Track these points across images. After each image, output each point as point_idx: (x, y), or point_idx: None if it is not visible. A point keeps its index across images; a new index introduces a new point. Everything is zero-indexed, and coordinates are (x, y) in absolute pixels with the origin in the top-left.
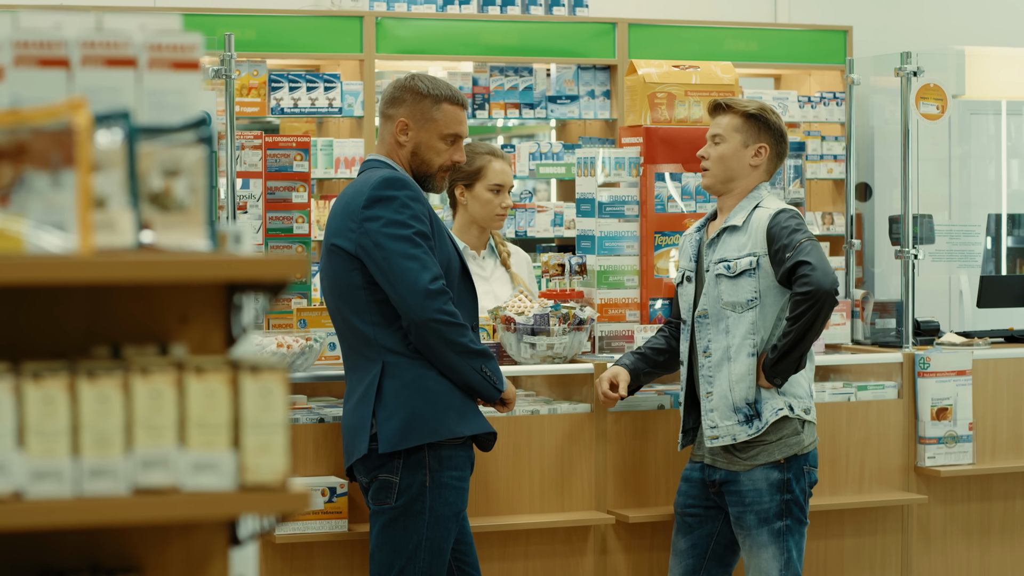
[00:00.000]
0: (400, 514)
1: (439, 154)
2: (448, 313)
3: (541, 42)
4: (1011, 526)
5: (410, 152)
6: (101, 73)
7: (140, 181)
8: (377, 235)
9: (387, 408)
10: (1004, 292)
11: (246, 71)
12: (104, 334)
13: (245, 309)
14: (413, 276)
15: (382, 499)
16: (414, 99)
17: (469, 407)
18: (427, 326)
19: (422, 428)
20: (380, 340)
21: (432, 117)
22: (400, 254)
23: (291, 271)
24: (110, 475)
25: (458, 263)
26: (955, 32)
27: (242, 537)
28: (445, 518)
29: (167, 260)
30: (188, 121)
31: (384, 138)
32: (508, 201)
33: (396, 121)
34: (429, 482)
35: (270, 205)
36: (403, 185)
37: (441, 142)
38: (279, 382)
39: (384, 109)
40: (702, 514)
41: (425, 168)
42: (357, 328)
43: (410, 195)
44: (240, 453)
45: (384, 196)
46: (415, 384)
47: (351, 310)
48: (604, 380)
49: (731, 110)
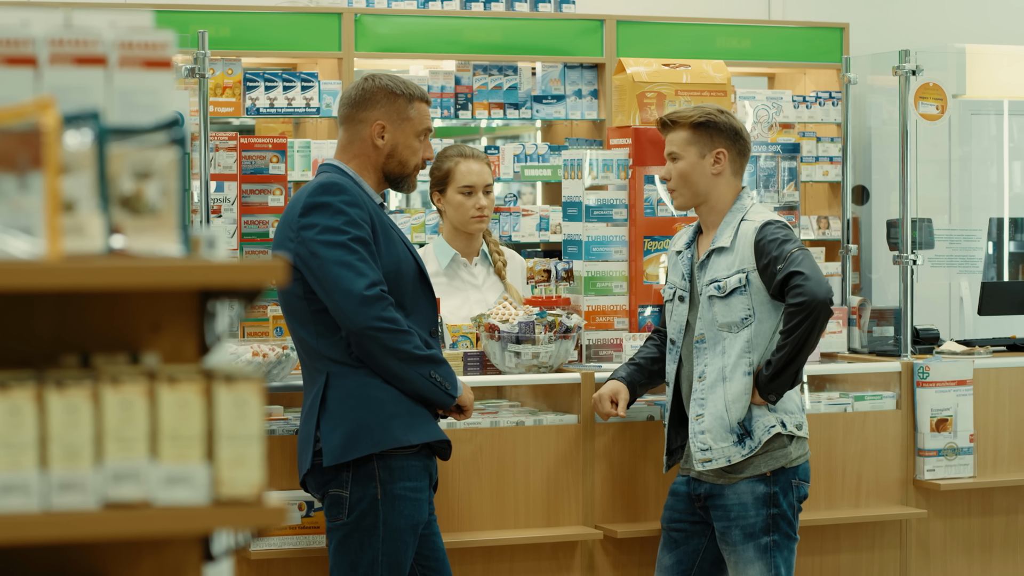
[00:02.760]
0: (353, 529)
1: (415, 153)
2: (387, 320)
3: (526, 40)
4: (1013, 542)
5: (386, 155)
6: (70, 72)
7: (110, 184)
8: (312, 243)
9: (331, 420)
10: (1006, 299)
11: (220, 70)
12: (73, 342)
13: (219, 317)
14: (348, 284)
15: (335, 515)
16: (388, 99)
17: (419, 415)
18: (364, 334)
19: (366, 439)
20: (323, 351)
21: (408, 116)
22: (334, 261)
23: (266, 277)
24: (79, 489)
25: (412, 267)
26: (954, 30)
27: (216, 553)
28: (401, 531)
29: (138, 266)
30: (160, 122)
31: (351, 142)
32: (482, 202)
33: (371, 124)
34: (381, 495)
35: (245, 209)
36: (339, 190)
37: (416, 140)
38: (254, 392)
39: (352, 113)
40: (688, 529)
41: (401, 169)
42: (303, 339)
43: (346, 200)
44: (214, 466)
45: (319, 203)
46: (358, 393)
47: (296, 321)
48: (604, 399)
49: (677, 124)
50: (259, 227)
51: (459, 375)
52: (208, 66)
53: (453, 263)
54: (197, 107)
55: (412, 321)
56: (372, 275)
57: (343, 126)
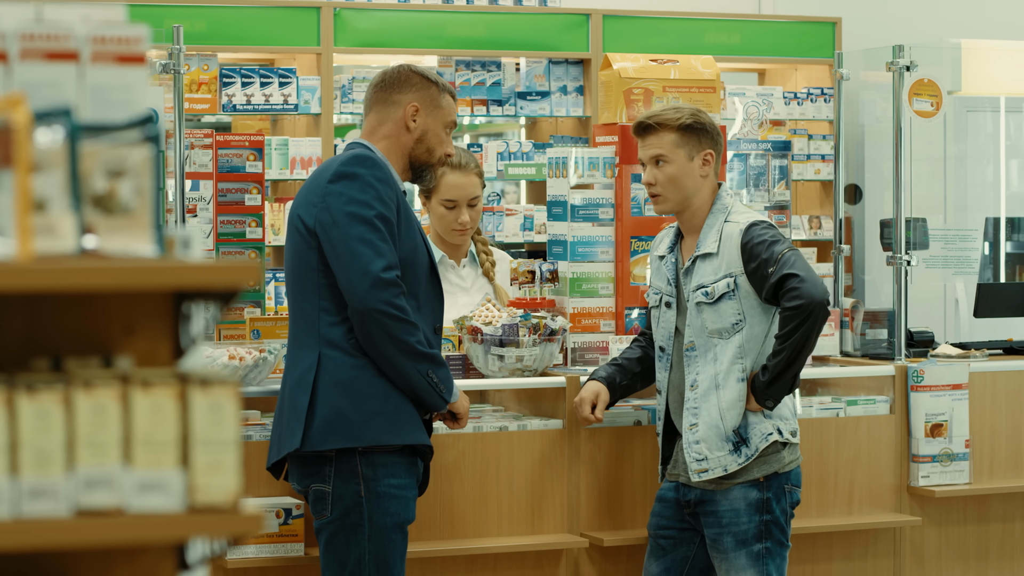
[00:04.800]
0: (339, 528)
1: (441, 143)
2: (397, 307)
3: (510, 34)
4: (1010, 550)
5: (415, 139)
6: (41, 67)
7: (83, 182)
8: (336, 212)
9: (314, 405)
10: (1002, 301)
11: (196, 65)
12: (44, 345)
13: (194, 319)
14: (365, 262)
15: (319, 511)
16: (422, 85)
17: (404, 415)
18: (370, 315)
19: (344, 431)
20: (322, 329)
21: (439, 104)
22: (355, 237)
23: (243, 278)
24: (50, 495)
25: (426, 259)
26: (949, 24)
27: (191, 561)
28: (387, 529)
29: (111, 267)
30: (134, 118)
31: (381, 123)
32: (464, 216)
33: (405, 105)
34: (364, 492)
35: (221, 208)
36: (372, 164)
37: (444, 131)
38: (230, 397)
39: (384, 95)
40: (677, 536)
41: (427, 157)
42: (304, 310)
43: (378, 175)
44: (189, 472)
45: (351, 172)
46: (346, 383)
47: (301, 291)
48: (585, 402)
49: (665, 127)
50: (235, 227)
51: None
52: (183, 61)
53: (440, 265)
54: (172, 104)
55: (420, 315)
56: (390, 257)
57: (372, 109)
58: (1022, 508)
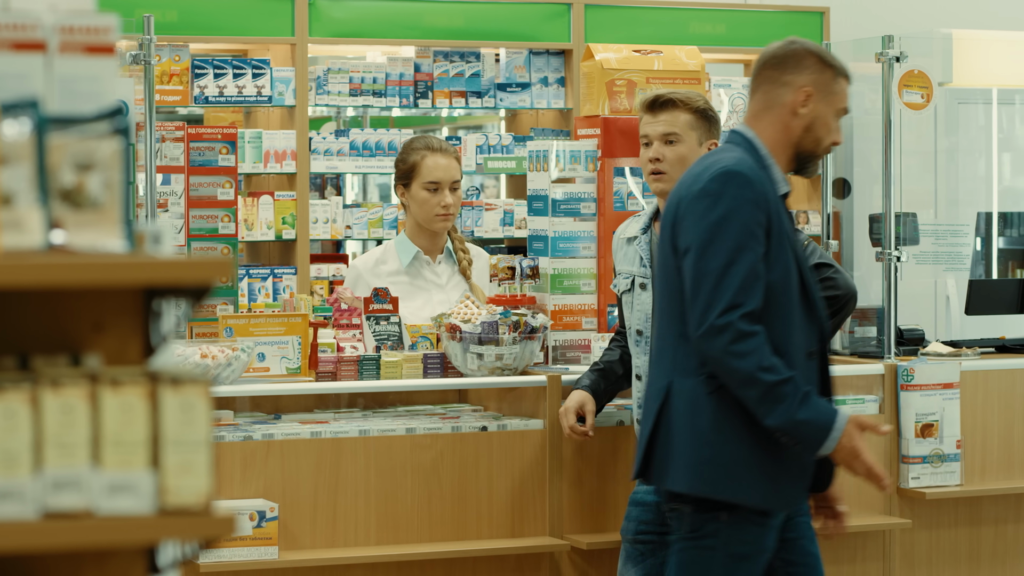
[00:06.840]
0: (693, 548)
1: (829, 132)
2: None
3: (489, 24)
4: (1002, 553)
5: (803, 127)
6: (7, 58)
7: (50, 176)
8: (693, 236)
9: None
10: (994, 298)
11: (167, 56)
12: (10, 343)
13: (165, 316)
14: (707, 299)
15: (676, 527)
16: (818, 67)
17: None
18: (716, 364)
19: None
20: (679, 355)
21: (833, 90)
22: (708, 271)
23: (215, 274)
24: (17, 497)
25: (796, 277)
26: (940, 14)
27: (162, 565)
28: (741, 558)
29: (79, 262)
30: (103, 111)
31: (767, 107)
32: (448, 200)
33: (798, 89)
34: (727, 516)
35: (193, 203)
36: (742, 183)
37: (833, 119)
38: (202, 396)
39: (775, 74)
40: (656, 540)
41: (814, 147)
42: (670, 329)
43: (748, 197)
44: (159, 473)
45: (714, 191)
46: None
47: (667, 311)
48: (570, 411)
49: (684, 105)
50: (208, 222)
51: (418, 378)
52: (154, 52)
53: (416, 261)
54: (142, 95)
55: (790, 342)
56: (739, 298)
57: (759, 89)
58: (1014, 510)
